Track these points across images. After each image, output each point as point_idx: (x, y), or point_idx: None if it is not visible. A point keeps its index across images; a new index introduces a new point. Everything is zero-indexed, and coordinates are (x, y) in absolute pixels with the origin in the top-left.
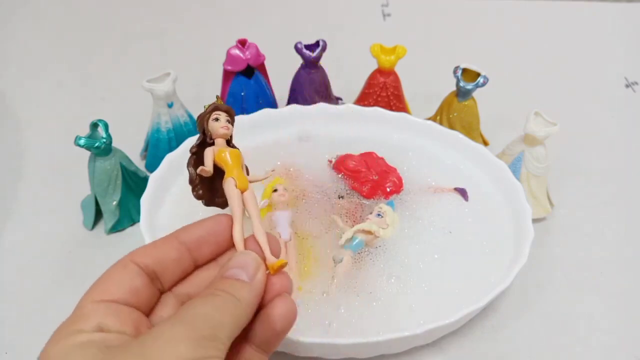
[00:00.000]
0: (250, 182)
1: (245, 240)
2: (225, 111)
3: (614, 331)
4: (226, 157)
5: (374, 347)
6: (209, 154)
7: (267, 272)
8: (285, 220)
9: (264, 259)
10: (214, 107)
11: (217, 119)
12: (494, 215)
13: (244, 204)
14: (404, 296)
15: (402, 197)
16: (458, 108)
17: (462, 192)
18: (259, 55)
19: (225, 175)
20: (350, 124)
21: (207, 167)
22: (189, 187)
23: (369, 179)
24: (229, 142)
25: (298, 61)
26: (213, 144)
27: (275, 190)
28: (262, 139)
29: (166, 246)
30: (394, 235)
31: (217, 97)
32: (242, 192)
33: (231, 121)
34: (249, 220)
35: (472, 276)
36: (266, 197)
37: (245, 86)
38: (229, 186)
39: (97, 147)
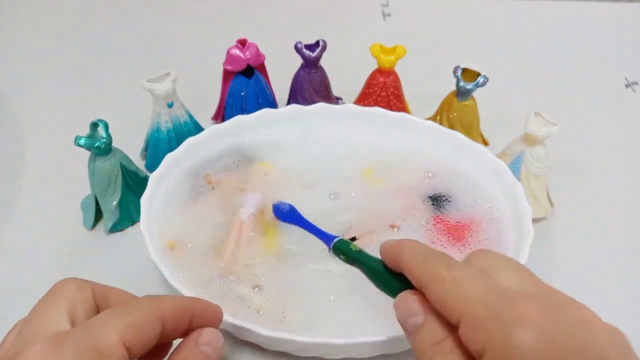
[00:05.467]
0: None
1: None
2: None
3: None
4: None
5: (374, 347)
6: None
7: None
8: (252, 202)
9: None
10: None
11: None
12: (493, 216)
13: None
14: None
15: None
16: (458, 108)
17: None
18: (259, 55)
19: None
20: (350, 124)
21: None
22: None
23: None
24: None
25: (298, 61)
26: None
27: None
28: (262, 139)
29: (150, 327)
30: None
31: None
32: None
33: None
34: None
35: None
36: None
37: (245, 86)
38: None
39: (97, 147)
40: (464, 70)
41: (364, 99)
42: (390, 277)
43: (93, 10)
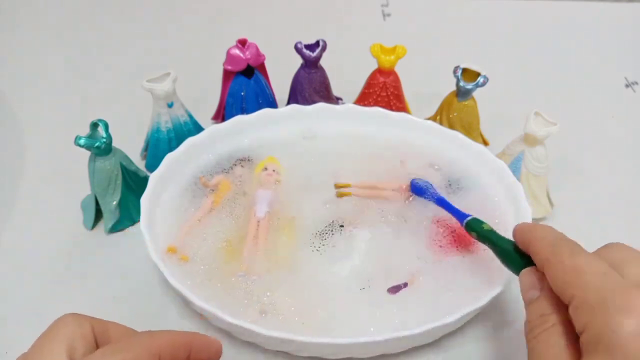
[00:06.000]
0: None
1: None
2: None
3: None
4: None
5: (374, 347)
6: None
7: None
8: (265, 199)
9: None
10: None
11: None
12: (493, 215)
13: None
14: (404, 295)
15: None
16: (458, 108)
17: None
18: (259, 55)
19: None
20: (351, 124)
21: None
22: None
23: None
24: None
25: (298, 61)
26: None
27: (265, 169)
28: (262, 139)
29: None
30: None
31: None
32: None
33: None
34: None
35: (472, 275)
36: (256, 172)
37: (245, 86)
38: None
39: (97, 147)
40: (464, 70)
41: (364, 99)
42: (517, 256)
43: (93, 10)
